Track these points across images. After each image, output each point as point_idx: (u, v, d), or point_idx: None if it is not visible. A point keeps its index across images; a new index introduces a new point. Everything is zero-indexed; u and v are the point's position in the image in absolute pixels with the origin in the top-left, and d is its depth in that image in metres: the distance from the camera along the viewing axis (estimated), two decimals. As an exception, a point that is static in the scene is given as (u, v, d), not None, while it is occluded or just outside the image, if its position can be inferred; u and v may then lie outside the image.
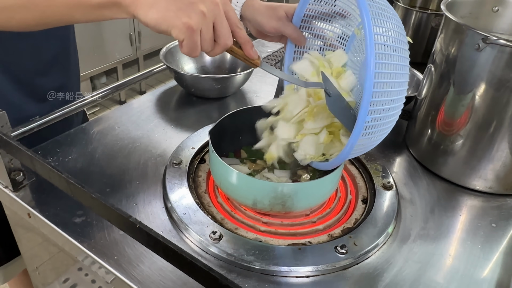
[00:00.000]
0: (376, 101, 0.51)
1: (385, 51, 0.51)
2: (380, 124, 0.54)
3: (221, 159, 0.63)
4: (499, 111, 0.69)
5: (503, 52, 0.65)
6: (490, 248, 0.65)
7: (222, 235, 0.61)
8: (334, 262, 0.59)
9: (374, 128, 0.53)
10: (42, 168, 0.58)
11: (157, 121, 0.88)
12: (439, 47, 0.75)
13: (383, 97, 0.52)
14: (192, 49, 0.54)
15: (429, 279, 0.59)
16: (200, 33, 0.53)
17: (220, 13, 0.54)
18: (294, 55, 0.71)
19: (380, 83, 0.51)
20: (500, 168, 0.73)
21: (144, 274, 0.57)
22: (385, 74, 0.51)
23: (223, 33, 0.55)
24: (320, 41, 0.70)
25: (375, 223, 0.65)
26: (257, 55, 0.61)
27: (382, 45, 0.51)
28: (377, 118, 0.52)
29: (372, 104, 0.51)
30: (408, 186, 0.76)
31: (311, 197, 0.64)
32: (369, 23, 0.49)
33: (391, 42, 0.52)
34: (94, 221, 0.64)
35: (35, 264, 0.90)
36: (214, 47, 0.56)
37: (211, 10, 0.53)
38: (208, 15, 0.53)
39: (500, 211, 0.73)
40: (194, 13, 0.52)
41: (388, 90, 0.52)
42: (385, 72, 0.51)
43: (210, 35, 0.54)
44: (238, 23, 0.58)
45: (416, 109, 0.84)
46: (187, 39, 0.53)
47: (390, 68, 0.52)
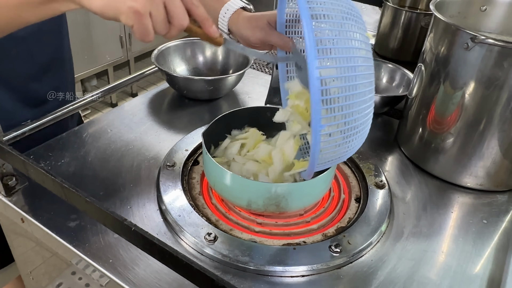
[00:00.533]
0: (328, 90, 0.49)
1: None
2: (345, 123, 0.51)
3: (215, 161, 0.63)
4: (488, 109, 0.70)
5: (492, 51, 0.65)
6: (482, 244, 0.66)
7: (217, 236, 0.61)
8: (329, 261, 0.59)
9: (339, 126, 0.51)
10: (35, 172, 0.58)
11: (150, 123, 0.88)
12: (429, 46, 0.76)
13: (335, 80, 0.50)
14: (144, 34, 0.51)
15: (423, 276, 0.60)
16: (150, 16, 0.51)
17: None
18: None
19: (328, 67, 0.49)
20: (490, 165, 0.74)
21: (140, 277, 0.57)
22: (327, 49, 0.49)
23: (176, 13, 0.52)
24: None
25: (369, 222, 0.66)
26: (218, 32, 0.59)
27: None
28: (335, 109, 0.50)
29: (325, 93, 0.49)
30: (400, 185, 0.77)
31: (305, 197, 0.65)
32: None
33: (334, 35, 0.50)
34: (88, 224, 0.64)
35: (28, 269, 0.89)
36: (170, 28, 0.53)
37: None
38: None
39: (491, 207, 0.74)
40: None
41: (340, 75, 0.50)
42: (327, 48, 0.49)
43: (162, 16, 0.51)
44: (192, 1, 0.55)
45: (407, 108, 0.85)
46: (136, 24, 0.50)
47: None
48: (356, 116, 0.51)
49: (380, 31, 1.29)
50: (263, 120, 0.75)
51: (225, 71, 1.06)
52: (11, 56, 0.78)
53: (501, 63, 0.65)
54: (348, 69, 0.50)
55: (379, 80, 1.04)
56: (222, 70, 1.06)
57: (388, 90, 1.02)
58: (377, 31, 1.30)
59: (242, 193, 0.64)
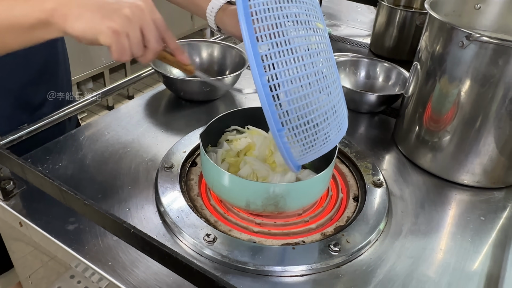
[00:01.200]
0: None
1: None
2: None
3: (213, 162, 0.63)
4: (484, 106, 0.71)
5: (487, 48, 0.66)
6: (480, 241, 0.66)
7: (216, 237, 0.61)
8: (328, 260, 0.59)
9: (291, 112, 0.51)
10: (33, 176, 0.58)
11: (147, 125, 0.88)
12: (424, 45, 0.77)
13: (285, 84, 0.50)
14: (121, 53, 0.55)
15: (422, 274, 0.60)
16: (128, 37, 0.54)
17: (146, 18, 0.56)
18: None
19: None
20: (487, 162, 0.75)
21: (139, 278, 0.57)
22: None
23: (151, 38, 0.56)
24: None
25: (367, 220, 0.66)
26: (189, 60, 0.65)
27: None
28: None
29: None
30: (398, 183, 0.77)
31: (303, 197, 0.65)
32: None
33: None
34: (87, 227, 0.64)
35: (27, 273, 0.89)
36: (145, 52, 0.58)
37: (136, 14, 0.54)
38: (133, 19, 0.54)
39: (488, 204, 0.74)
40: (118, 17, 0.53)
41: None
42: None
43: (137, 39, 0.55)
44: (166, 30, 0.60)
45: (403, 106, 0.85)
46: (114, 43, 0.54)
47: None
48: (314, 110, 0.52)
49: (375, 31, 1.29)
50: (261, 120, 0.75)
51: (222, 72, 1.06)
52: (6, 60, 0.78)
53: (496, 61, 0.65)
54: (298, 69, 0.50)
55: (375, 79, 1.04)
56: (219, 71, 1.06)
57: (385, 89, 1.03)
58: (372, 31, 1.31)
59: (240, 193, 0.64)
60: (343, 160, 0.80)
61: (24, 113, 0.84)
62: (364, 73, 1.04)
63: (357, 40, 1.40)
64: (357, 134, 0.92)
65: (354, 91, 0.95)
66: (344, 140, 0.83)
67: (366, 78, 1.05)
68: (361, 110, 0.97)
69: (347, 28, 1.50)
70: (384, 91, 1.02)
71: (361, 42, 1.38)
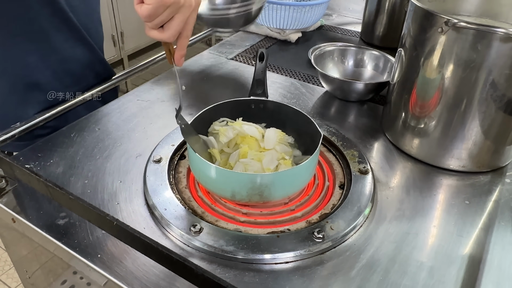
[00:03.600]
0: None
1: None
2: None
3: (198, 155, 0.64)
4: (467, 91, 0.71)
5: (466, 34, 0.66)
6: (464, 225, 0.67)
7: (202, 228, 0.63)
8: (311, 247, 0.61)
9: None
10: (21, 173, 0.60)
11: (137, 120, 0.90)
12: (407, 31, 0.77)
13: None
14: (151, 14, 0.60)
15: (405, 257, 0.61)
16: (165, 10, 0.60)
17: (186, 12, 0.62)
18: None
19: None
20: (472, 147, 0.75)
21: (128, 270, 0.59)
22: None
23: (173, 26, 0.63)
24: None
25: (352, 207, 0.67)
26: (181, 64, 0.70)
27: None
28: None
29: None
30: (384, 170, 0.78)
31: (288, 186, 0.66)
32: None
33: None
34: (77, 222, 0.65)
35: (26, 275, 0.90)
36: (160, 31, 0.63)
37: (186, 5, 0.61)
38: (182, 5, 0.61)
39: (473, 188, 0.75)
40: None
41: None
42: None
43: (165, 17, 0.61)
44: (189, 31, 0.66)
45: (389, 93, 0.86)
46: (155, 3, 0.59)
47: None
48: None
49: (365, 19, 1.29)
50: (247, 112, 0.76)
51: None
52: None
53: (476, 46, 0.66)
54: None
55: (364, 67, 1.05)
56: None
57: (374, 77, 1.03)
58: (362, 19, 1.31)
59: (225, 184, 0.65)
60: (329, 148, 0.81)
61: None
62: (352, 62, 1.05)
63: (348, 29, 1.40)
64: (346, 122, 0.92)
65: (342, 81, 0.95)
66: (332, 129, 0.84)
67: (355, 67, 1.05)
68: (350, 99, 0.98)
69: (338, 17, 1.50)
70: (373, 79, 1.02)
71: (352, 31, 1.38)
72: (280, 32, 1.29)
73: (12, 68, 0.87)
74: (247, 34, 1.36)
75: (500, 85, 0.68)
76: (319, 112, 0.95)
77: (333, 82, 0.95)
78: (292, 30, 1.28)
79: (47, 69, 0.89)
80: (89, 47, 0.96)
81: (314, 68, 0.97)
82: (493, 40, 0.65)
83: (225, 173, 0.64)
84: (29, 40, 0.85)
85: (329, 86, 0.98)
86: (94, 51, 0.98)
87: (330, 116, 0.95)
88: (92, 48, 0.97)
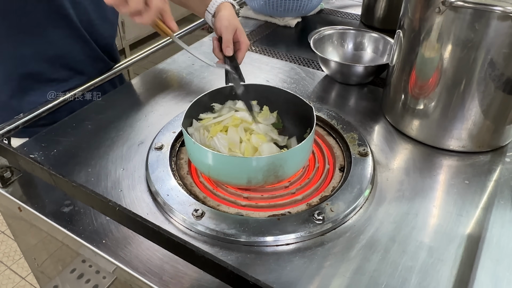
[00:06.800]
0: None
1: None
2: None
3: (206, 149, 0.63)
4: (466, 71, 0.71)
5: (464, 13, 0.66)
6: (463, 204, 0.68)
7: (204, 212, 0.64)
8: (311, 228, 0.62)
9: None
10: (25, 162, 0.61)
11: (138, 108, 0.90)
12: (405, 12, 0.77)
13: None
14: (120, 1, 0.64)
15: (404, 237, 0.62)
16: None
17: None
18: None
19: None
20: (472, 127, 0.76)
21: (132, 254, 0.60)
22: None
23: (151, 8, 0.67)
24: None
25: (352, 189, 0.68)
26: (176, 28, 0.75)
27: None
28: None
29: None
30: (384, 152, 0.78)
31: (298, 161, 0.66)
32: None
33: None
34: (81, 209, 0.67)
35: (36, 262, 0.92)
36: (146, 9, 0.67)
37: None
38: None
39: (473, 168, 0.75)
40: None
41: None
42: None
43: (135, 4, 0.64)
44: (166, 5, 0.71)
45: (389, 76, 0.86)
46: None
47: None
48: None
49: (365, 1, 1.28)
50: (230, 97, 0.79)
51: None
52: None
53: (473, 25, 0.66)
54: None
55: (363, 50, 1.05)
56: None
57: (374, 60, 1.03)
58: (362, 1, 1.30)
59: (241, 172, 0.64)
60: (330, 132, 0.82)
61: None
62: (352, 45, 1.05)
63: (348, 12, 1.39)
64: (346, 106, 0.93)
65: (342, 64, 0.95)
66: (332, 113, 0.85)
67: (354, 50, 1.05)
68: (350, 82, 0.98)
69: (339, 0, 1.49)
70: (373, 62, 1.02)
71: (353, 14, 1.37)
72: (279, 18, 1.28)
73: (8, 58, 0.88)
74: (246, 20, 1.36)
75: (498, 64, 0.68)
76: (320, 96, 0.96)
77: (332, 65, 0.95)
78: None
79: (44, 62, 0.90)
80: (89, 45, 0.95)
81: (314, 52, 0.97)
82: (491, 19, 0.64)
83: (241, 161, 0.64)
84: (23, 32, 0.85)
85: (329, 70, 0.98)
86: (94, 50, 0.97)
87: (330, 100, 0.95)
88: (91, 47, 0.96)
